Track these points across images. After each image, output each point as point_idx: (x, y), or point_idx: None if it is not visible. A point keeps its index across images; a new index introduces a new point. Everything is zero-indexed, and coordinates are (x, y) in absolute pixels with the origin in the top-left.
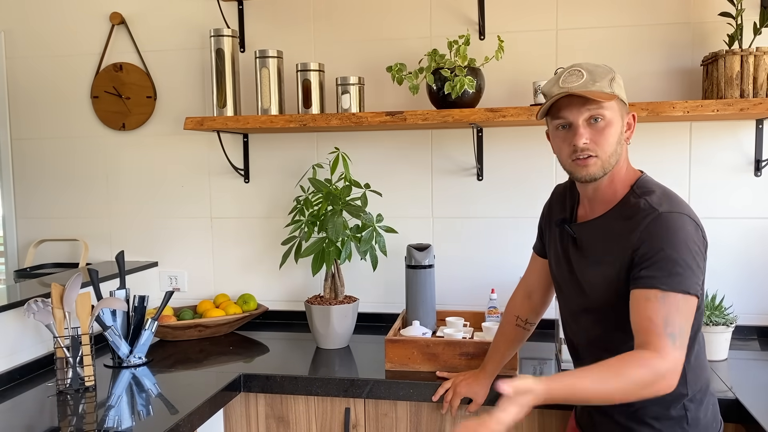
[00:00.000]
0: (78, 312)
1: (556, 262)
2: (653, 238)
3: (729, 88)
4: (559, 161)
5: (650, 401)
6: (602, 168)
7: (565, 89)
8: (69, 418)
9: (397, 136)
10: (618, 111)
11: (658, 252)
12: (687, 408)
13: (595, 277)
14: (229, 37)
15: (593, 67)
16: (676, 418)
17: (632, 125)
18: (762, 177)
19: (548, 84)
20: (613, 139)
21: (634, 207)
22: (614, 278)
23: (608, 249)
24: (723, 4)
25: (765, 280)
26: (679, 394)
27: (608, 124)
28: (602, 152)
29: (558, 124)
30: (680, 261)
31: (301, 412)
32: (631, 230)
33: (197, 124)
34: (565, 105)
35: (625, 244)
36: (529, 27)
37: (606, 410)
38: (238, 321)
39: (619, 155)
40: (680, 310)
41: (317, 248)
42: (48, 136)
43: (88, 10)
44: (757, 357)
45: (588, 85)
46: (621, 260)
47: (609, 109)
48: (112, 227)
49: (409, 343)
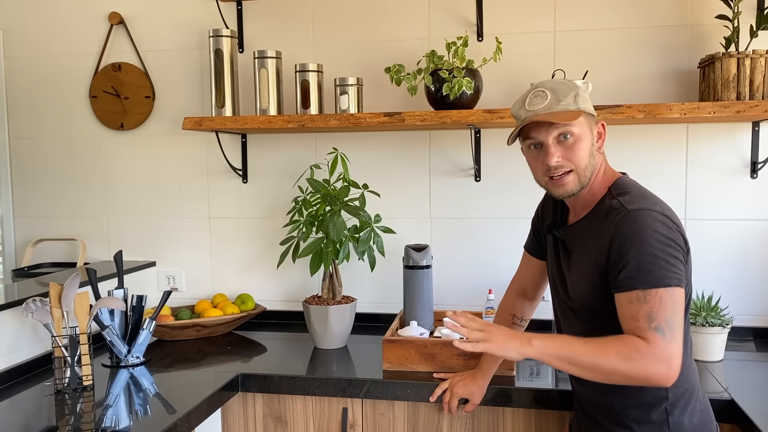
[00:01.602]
0: (76, 311)
1: (549, 263)
2: (624, 237)
3: (725, 90)
4: (535, 179)
5: (631, 403)
6: (578, 182)
7: (531, 113)
8: (67, 418)
9: (395, 137)
10: (586, 124)
11: (630, 251)
12: (669, 412)
13: (577, 276)
14: (228, 38)
15: (556, 85)
16: (657, 423)
17: (603, 134)
18: (758, 179)
19: (515, 107)
20: (584, 153)
21: (608, 207)
22: (594, 276)
23: (587, 249)
24: (720, 7)
25: (761, 281)
26: (659, 396)
27: (577, 140)
28: (576, 166)
29: (529, 143)
30: (653, 257)
31: (298, 412)
32: (606, 230)
33: (196, 124)
34: (534, 126)
35: (601, 242)
36: (527, 29)
37: (589, 413)
38: (235, 321)
39: (594, 166)
40: (664, 304)
41: (315, 248)
42: (46, 135)
43: (87, 9)
44: (753, 358)
45: (553, 106)
46: (598, 259)
47: (577, 125)
48: (110, 227)
49: (406, 344)
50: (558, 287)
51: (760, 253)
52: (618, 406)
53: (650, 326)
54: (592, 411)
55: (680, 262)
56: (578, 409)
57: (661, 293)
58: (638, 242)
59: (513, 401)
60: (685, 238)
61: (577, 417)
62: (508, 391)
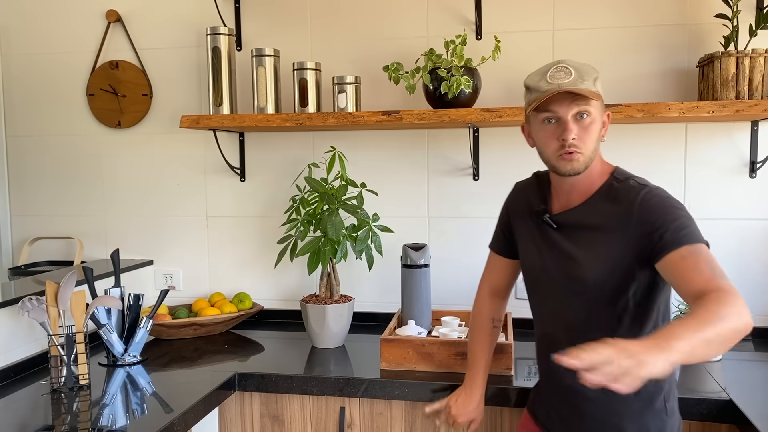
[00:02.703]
0: (72, 310)
1: (532, 255)
2: (654, 209)
3: (724, 89)
4: (543, 155)
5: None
6: (585, 163)
7: (555, 85)
8: (63, 417)
9: (393, 135)
10: (600, 109)
11: (665, 217)
12: (666, 399)
13: (591, 255)
14: (226, 36)
15: (580, 66)
16: (657, 411)
17: (607, 124)
18: (757, 178)
19: (534, 78)
20: (595, 136)
21: (621, 189)
22: (608, 255)
23: (599, 230)
24: (719, 6)
25: (759, 281)
26: (659, 387)
27: (593, 121)
28: (586, 148)
29: (545, 117)
30: (686, 219)
31: (296, 412)
32: (627, 207)
33: (193, 122)
34: (555, 100)
35: (624, 220)
36: (526, 27)
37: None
38: (233, 320)
39: (596, 152)
40: (711, 257)
41: (313, 247)
42: (43, 133)
43: (85, 7)
44: (751, 358)
45: (577, 83)
46: (621, 236)
47: (594, 107)
48: (107, 225)
49: (404, 343)
50: (548, 275)
51: (759, 253)
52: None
53: (718, 275)
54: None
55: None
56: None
57: (704, 247)
58: (670, 210)
59: (511, 401)
60: None
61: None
62: (506, 390)
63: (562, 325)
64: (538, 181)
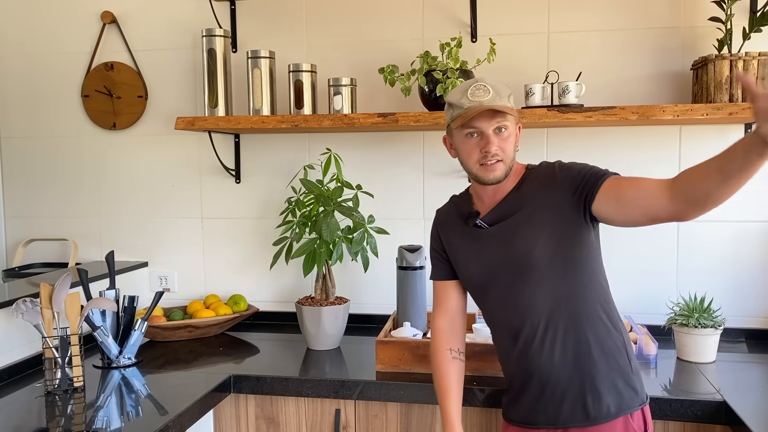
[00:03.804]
0: (67, 312)
1: (470, 262)
2: (572, 167)
3: (718, 92)
4: (466, 165)
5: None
6: (505, 171)
7: (476, 102)
8: (57, 419)
9: (389, 137)
10: (514, 122)
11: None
12: (629, 357)
13: (528, 231)
14: (221, 37)
15: (496, 84)
16: (623, 366)
17: (518, 134)
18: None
19: (455, 95)
20: (512, 146)
21: (539, 170)
22: (551, 215)
23: (529, 208)
24: (713, 10)
25: (753, 283)
26: (621, 342)
27: (510, 134)
28: (506, 157)
29: (468, 132)
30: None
31: (291, 414)
32: (549, 179)
33: (188, 124)
34: (477, 116)
35: (549, 187)
36: (521, 30)
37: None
38: (228, 322)
39: (514, 160)
40: None
41: (308, 249)
42: (38, 134)
43: (79, 8)
44: (745, 359)
45: (496, 100)
46: (553, 199)
47: (510, 120)
48: (102, 227)
49: (399, 345)
50: (499, 272)
51: (753, 255)
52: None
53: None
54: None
55: None
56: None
57: None
58: (585, 165)
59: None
60: None
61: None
62: (501, 392)
63: (527, 312)
64: (459, 200)
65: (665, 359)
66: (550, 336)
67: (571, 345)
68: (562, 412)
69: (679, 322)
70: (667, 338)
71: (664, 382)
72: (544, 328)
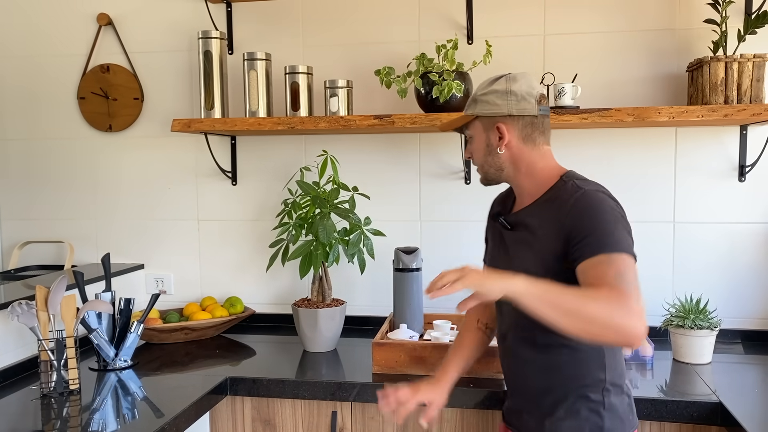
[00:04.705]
0: (63, 314)
1: (492, 257)
2: (584, 210)
3: (713, 94)
4: None
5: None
6: (484, 176)
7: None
8: (53, 422)
9: (385, 139)
10: (480, 127)
11: (591, 222)
12: (604, 394)
13: (526, 253)
14: (217, 39)
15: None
16: (595, 402)
17: (504, 134)
18: (746, 182)
19: None
20: (479, 153)
21: (563, 188)
22: (544, 251)
23: (539, 227)
24: (708, 12)
25: (749, 284)
26: (597, 379)
27: (471, 140)
28: (475, 162)
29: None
30: (613, 226)
31: (287, 416)
32: (560, 207)
33: (184, 126)
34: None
35: (556, 219)
36: (517, 32)
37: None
38: (224, 324)
39: (496, 164)
40: (628, 267)
41: (305, 251)
42: (34, 137)
43: (75, 10)
44: (741, 360)
45: (465, 110)
46: (552, 235)
47: (471, 128)
48: (98, 229)
49: (396, 347)
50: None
51: (748, 256)
52: (559, 389)
53: (621, 283)
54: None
55: (631, 238)
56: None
57: (624, 257)
58: (598, 214)
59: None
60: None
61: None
62: (497, 394)
63: (509, 324)
64: (509, 192)
65: (661, 360)
66: (524, 349)
67: (540, 363)
68: (525, 423)
69: (675, 323)
70: (663, 339)
71: (660, 383)
72: (520, 339)
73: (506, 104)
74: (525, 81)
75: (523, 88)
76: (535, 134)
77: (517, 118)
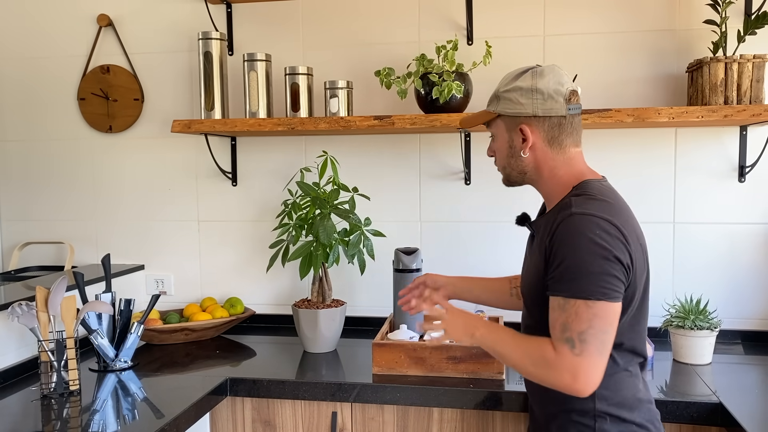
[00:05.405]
0: (63, 315)
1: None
2: (561, 239)
3: (713, 94)
4: None
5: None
6: (505, 177)
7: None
8: (53, 423)
9: (385, 140)
10: (503, 126)
11: (562, 254)
12: (596, 420)
13: (530, 266)
14: (218, 40)
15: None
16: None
17: (528, 137)
18: (746, 183)
19: None
20: (501, 153)
21: (562, 204)
22: (536, 271)
23: (540, 242)
24: (707, 12)
25: (749, 284)
26: (586, 406)
27: (494, 139)
28: (498, 164)
29: None
30: (581, 266)
31: (287, 417)
32: (551, 225)
33: (185, 126)
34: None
35: (546, 237)
36: (517, 33)
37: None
38: (224, 325)
39: (519, 167)
40: (579, 317)
41: (305, 252)
42: (34, 138)
43: (76, 11)
44: (741, 361)
45: (487, 106)
46: (542, 252)
47: (494, 126)
48: (98, 230)
49: (396, 347)
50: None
51: (748, 257)
52: (551, 405)
53: (562, 336)
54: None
55: (612, 276)
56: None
57: (579, 305)
58: (570, 248)
59: (503, 405)
60: (631, 251)
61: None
62: (497, 394)
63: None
64: None
65: (661, 361)
66: None
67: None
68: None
69: (675, 324)
70: (663, 340)
71: (660, 384)
72: None
73: (531, 103)
74: (553, 76)
75: (550, 85)
76: (563, 136)
77: (543, 119)
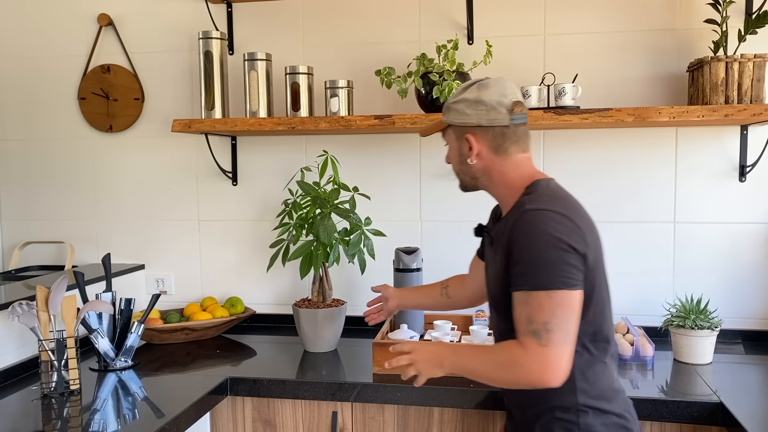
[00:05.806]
0: (63, 315)
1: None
2: (517, 237)
3: (714, 94)
4: None
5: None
6: (461, 183)
7: None
8: (54, 422)
9: (385, 139)
10: (453, 135)
11: (520, 251)
12: (580, 414)
13: (492, 270)
14: (218, 40)
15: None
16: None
17: (472, 145)
18: (746, 182)
19: None
20: (453, 161)
21: (516, 206)
22: (500, 273)
23: (500, 245)
24: (708, 12)
25: (749, 284)
26: (570, 401)
27: (448, 148)
28: (453, 170)
29: None
30: (539, 258)
31: (288, 416)
32: (508, 226)
33: (185, 126)
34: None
35: (504, 238)
36: (517, 32)
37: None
38: (225, 324)
39: (469, 173)
40: (542, 307)
41: (305, 251)
42: (34, 137)
43: (76, 11)
44: (742, 360)
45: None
46: (503, 254)
47: (446, 135)
48: (98, 229)
49: None
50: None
51: (749, 257)
52: (533, 406)
53: (528, 329)
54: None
55: (569, 265)
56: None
57: (541, 296)
58: (527, 243)
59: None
60: (586, 240)
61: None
62: (498, 394)
63: (496, 333)
64: None
65: (662, 361)
66: None
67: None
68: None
69: (675, 323)
70: (663, 340)
71: (660, 383)
72: None
73: (476, 114)
74: (497, 88)
75: (493, 97)
76: (507, 144)
77: (486, 129)
